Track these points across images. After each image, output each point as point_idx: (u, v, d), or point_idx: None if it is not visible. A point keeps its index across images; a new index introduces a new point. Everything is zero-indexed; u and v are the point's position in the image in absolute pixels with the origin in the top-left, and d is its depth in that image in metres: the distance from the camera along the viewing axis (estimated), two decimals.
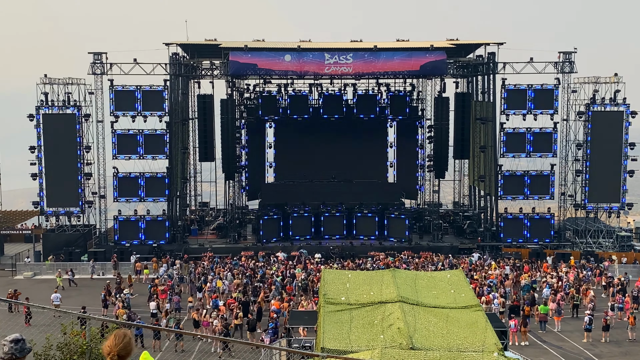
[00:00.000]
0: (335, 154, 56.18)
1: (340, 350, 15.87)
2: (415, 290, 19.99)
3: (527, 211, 50.18)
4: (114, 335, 5.58)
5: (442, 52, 48.14)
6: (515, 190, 49.96)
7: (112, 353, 5.53)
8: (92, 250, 47.00)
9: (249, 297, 34.78)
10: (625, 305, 33.82)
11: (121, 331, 5.65)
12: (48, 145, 48.00)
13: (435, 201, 53.63)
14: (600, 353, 29.19)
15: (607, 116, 49.43)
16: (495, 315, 26.75)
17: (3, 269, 45.05)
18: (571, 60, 49.04)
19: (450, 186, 64.56)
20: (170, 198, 49.81)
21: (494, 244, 48.80)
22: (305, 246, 47.69)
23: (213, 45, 50.47)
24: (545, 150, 49.54)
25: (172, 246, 48.13)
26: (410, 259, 43.73)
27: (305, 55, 47.79)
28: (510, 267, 41.64)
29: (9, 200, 64.61)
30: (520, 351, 27.96)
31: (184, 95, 53.81)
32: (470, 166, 57.72)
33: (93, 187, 49.48)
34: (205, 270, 41.43)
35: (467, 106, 54.01)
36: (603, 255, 45.52)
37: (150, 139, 48.78)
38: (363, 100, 56.59)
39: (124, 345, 5.56)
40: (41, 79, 48.13)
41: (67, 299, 35.71)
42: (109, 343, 5.58)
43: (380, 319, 17.43)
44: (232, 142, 51.21)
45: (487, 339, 16.35)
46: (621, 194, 49.45)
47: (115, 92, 48.09)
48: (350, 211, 51.39)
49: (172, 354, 28.37)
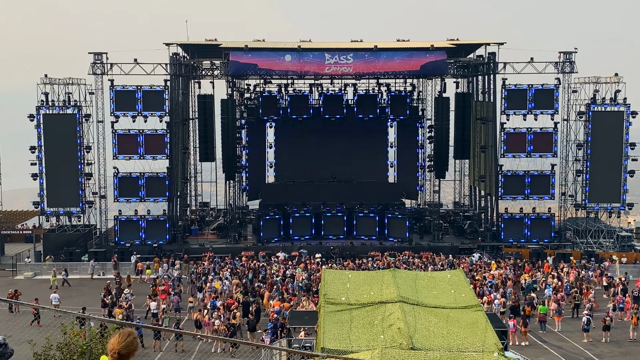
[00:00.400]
0: (335, 154, 56.18)
1: (340, 350, 15.86)
2: (416, 290, 19.98)
3: (527, 211, 50.16)
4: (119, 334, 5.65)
5: (442, 52, 48.12)
6: (515, 190, 49.93)
7: (114, 350, 5.60)
8: (93, 251, 47.00)
9: (249, 297, 34.79)
10: (626, 305, 33.81)
11: (127, 330, 5.73)
12: (48, 145, 48.00)
13: (436, 201, 53.60)
14: (600, 353, 29.18)
15: (607, 116, 49.40)
16: (495, 316, 26.73)
17: (3, 269, 45.06)
18: (571, 60, 49.02)
19: (450, 186, 64.54)
20: (171, 198, 49.81)
21: (494, 244, 48.78)
22: (306, 246, 47.69)
23: (213, 45, 50.47)
24: (546, 150, 49.50)
25: (173, 246, 48.13)
26: (410, 259, 43.74)
27: (306, 55, 47.78)
28: (510, 267, 41.65)
29: (10, 200, 64.66)
30: (520, 351, 27.95)
31: (184, 96, 53.80)
32: (470, 166, 57.69)
33: (93, 187, 49.47)
34: (205, 270, 41.42)
35: (468, 106, 53.97)
36: (604, 256, 45.51)
37: (151, 139, 48.76)
38: (363, 100, 56.57)
39: (127, 344, 5.63)
40: (41, 79, 48.13)
41: (67, 299, 35.72)
42: (113, 340, 5.66)
43: (381, 319, 17.41)
44: (232, 142, 51.20)
45: (487, 339, 16.34)
46: (621, 194, 49.43)
47: (115, 92, 48.08)
48: (350, 211, 51.37)
49: (172, 354, 28.38)
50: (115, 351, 5.60)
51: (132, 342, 5.65)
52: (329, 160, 56.21)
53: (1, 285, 39.73)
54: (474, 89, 55.03)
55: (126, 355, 5.62)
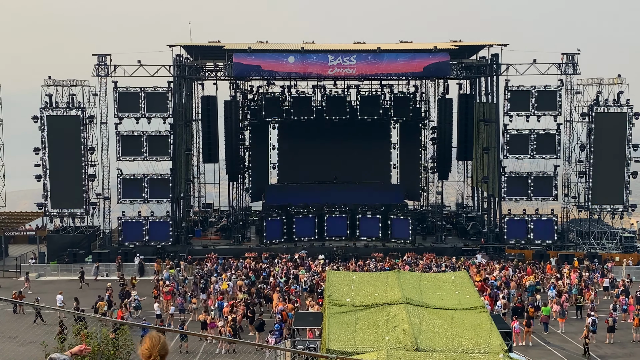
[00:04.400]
0: (338, 155, 56.28)
1: (345, 351, 15.93)
2: (420, 291, 20.05)
3: (530, 212, 50.15)
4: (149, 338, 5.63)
5: (445, 53, 48.17)
6: (518, 191, 49.93)
7: (153, 354, 5.59)
8: (97, 252, 47.10)
9: (254, 298, 34.88)
10: (629, 307, 33.82)
11: (154, 333, 5.73)
12: (52, 147, 48.10)
13: (439, 202, 53.61)
14: (604, 354, 29.21)
15: (610, 117, 49.39)
16: (499, 317, 26.78)
17: (7, 270, 45.12)
18: (574, 62, 48.99)
19: (453, 187, 64.56)
20: (174, 199, 49.89)
21: (497, 245, 48.80)
22: (309, 247, 47.74)
23: (217, 47, 50.57)
24: (549, 151, 49.49)
25: (176, 247, 48.22)
26: (413, 260, 43.78)
27: (309, 57, 47.86)
28: (512, 268, 41.67)
29: (13, 201, 64.80)
30: (524, 352, 27.99)
31: (188, 97, 53.90)
32: (473, 167, 57.72)
33: (97, 189, 49.58)
34: (209, 271, 41.46)
35: (471, 107, 53.98)
36: (607, 257, 45.52)
37: (154, 140, 48.84)
38: (366, 102, 56.63)
39: (162, 345, 5.65)
40: (45, 81, 48.23)
41: (70, 301, 35.73)
42: (146, 346, 5.63)
43: (385, 320, 17.48)
44: (235, 143, 51.28)
45: (492, 341, 16.41)
46: (624, 195, 49.42)
47: (119, 93, 48.17)
48: (353, 212, 51.40)
49: (177, 354, 28.45)
50: (155, 355, 5.59)
51: (165, 342, 5.69)
52: (332, 162, 56.29)
53: (5, 286, 39.79)
54: (477, 91, 55.07)
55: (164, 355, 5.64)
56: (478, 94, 54.71)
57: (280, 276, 39.26)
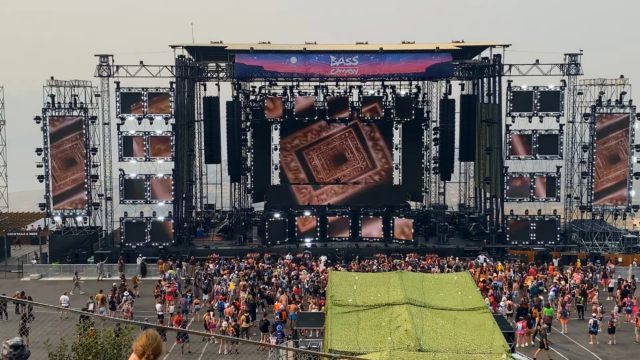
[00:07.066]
0: (340, 155, 56.22)
1: (348, 352, 15.91)
2: (422, 292, 20.02)
3: (533, 213, 50.05)
4: (145, 336, 5.62)
5: (447, 54, 48.14)
6: (521, 192, 49.86)
7: (147, 352, 5.58)
8: (99, 252, 47.12)
9: (257, 298, 34.87)
10: (633, 308, 33.73)
11: (151, 331, 5.71)
12: (54, 147, 48.06)
13: (441, 203, 53.54)
14: (607, 355, 29.13)
15: (613, 118, 49.26)
16: (502, 317, 26.73)
17: (9, 271, 45.14)
18: (577, 62, 48.93)
19: (455, 188, 64.49)
20: (176, 200, 49.88)
21: (499, 246, 48.72)
22: (311, 248, 47.73)
23: (219, 48, 50.57)
24: (551, 152, 49.42)
25: (178, 248, 48.22)
26: (415, 260, 43.72)
27: (311, 58, 47.86)
28: (515, 269, 41.60)
29: (15, 202, 64.78)
30: (527, 353, 27.93)
31: (190, 98, 53.89)
32: (475, 168, 57.65)
33: (99, 189, 49.60)
34: (211, 272, 41.46)
35: (473, 108, 53.91)
36: (609, 258, 45.43)
37: (156, 141, 48.86)
38: (369, 102, 56.59)
39: (157, 344, 5.62)
40: (48, 82, 48.24)
41: (74, 300, 35.76)
42: (141, 343, 5.62)
43: (388, 320, 17.46)
44: (237, 144, 51.28)
45: (494, 341, 16.37)
46: (627, 196, 49.32)
47: (121, 94, 48.19)
48: (355, 213, 51.36)
49: (179, 355, 28.44)
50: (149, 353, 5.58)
51: (160, 342, 5.66)
52: (334, 162, 56.24)
53: (8, 287, 39.79)
54: (479, 91, 55.00)
55: (157, 355, 5.63)
56: (480, 94, 54.64)
57: (283, 277, 39.24)
